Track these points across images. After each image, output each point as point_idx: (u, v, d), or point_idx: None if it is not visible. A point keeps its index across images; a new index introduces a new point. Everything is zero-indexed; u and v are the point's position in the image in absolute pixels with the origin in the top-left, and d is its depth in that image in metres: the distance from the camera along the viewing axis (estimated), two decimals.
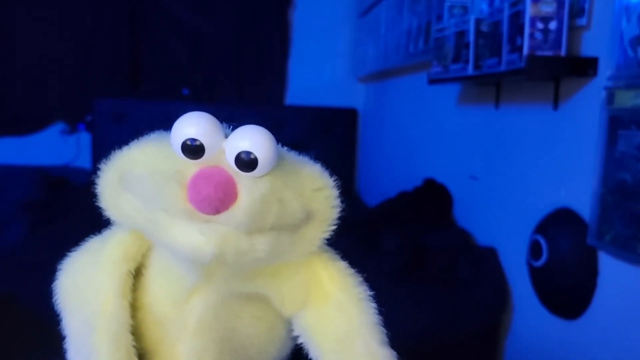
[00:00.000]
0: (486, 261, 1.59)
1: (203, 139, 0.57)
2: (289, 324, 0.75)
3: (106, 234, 0.72)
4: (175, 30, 3.18)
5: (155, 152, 0.62)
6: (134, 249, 0.70)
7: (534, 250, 1.35)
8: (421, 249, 1.71)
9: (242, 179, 0.57)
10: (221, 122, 0.61)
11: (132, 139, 0.68)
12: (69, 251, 0.73)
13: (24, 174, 2.83)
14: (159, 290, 0.71)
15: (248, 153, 0.57)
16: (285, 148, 0.67)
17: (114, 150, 0.67)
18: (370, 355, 0.67)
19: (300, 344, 0.72)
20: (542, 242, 1.32)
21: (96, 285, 0.68)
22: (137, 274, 0.71)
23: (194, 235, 0.57)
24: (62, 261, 0.72)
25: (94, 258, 0.70)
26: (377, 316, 0.69)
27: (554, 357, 1.34)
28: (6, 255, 1.84)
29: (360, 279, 0.71)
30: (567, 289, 1.27)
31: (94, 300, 0.68)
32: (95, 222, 0.71)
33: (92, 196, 0.67)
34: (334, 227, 0.67)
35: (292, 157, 0.66)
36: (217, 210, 0.56)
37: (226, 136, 0.59)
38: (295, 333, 0.72)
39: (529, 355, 1.45)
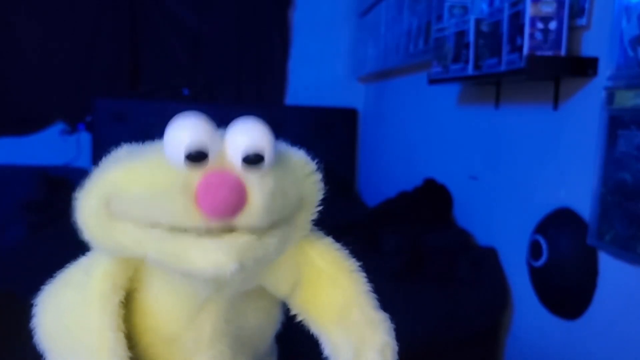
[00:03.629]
0: (486, 261, 1.59)
1: (206, 144, 0.54)
2: (280, 304, 0.77)
3: (86, 263, 0.68)
4: (175, 30, 3.18)
5: (145, 167, 0.58)
6: (122, 278, 0.66)
7: (534, 250, 1.35)
8: (421, 249, 1.71)
9: (250, 177, 0.56)
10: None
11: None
12: (44, 284, 0.68)
13: (24, 174, 2.83)
14: (165, 310, 0.68)
15: (255, 151, 0.55)
16: None
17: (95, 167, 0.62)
18: (367, 321, 0.70)
19: (297, 322, 0.74)
20: (542, 242, 1.32)
21: (88, 323, 0.64)
22: (129, 297, 0.68)
23: (213, 255, 0.55)
24: (37, 297, 0.68)
25: (80, 294, 0.66)
26: (368, 284, 0.72)
27: (554, 357, 1.34)
28: (6, 255, 1.84)
29: (347, 251, 0.73)
30: (567, 289, 1.27)
31: (88, 338, 0.64)
32: None
33: None
34: (319, 209, 0.68)
35: (278, 144, 0.64)
36: (233, 214, 0.55)
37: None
38: (293, 312, 0.74)
39: (529, 355, 1.45)
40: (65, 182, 2.70)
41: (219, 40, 3.20)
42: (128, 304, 0.68)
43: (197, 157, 0.54)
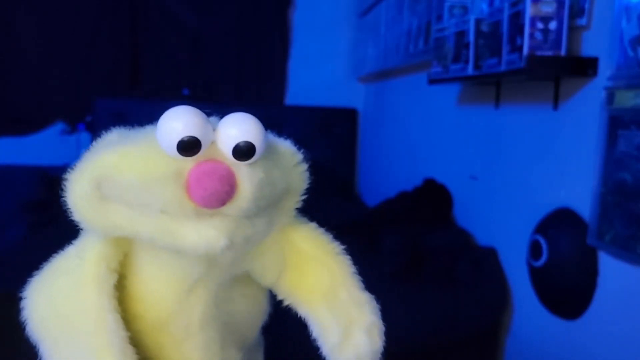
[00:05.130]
0: (486, 261, 1.59)
1: (198, 134, 0.56)
2: (267, 294, 0.79)
3: (76, 249, 0.68)
4: (175, 30, 3.18)
5: (139, 154, 0.59)
6: (115, 261, 0.66)
7: (534, 250, 1.35)
8: (421, 249, 1.71)
9: (240, 167, 0.58)
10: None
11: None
12: (30, 277, 0.67)
13: (24, 174, 2.83)
14: (154, 295, 0.68)
15: (246, 143, 0.57)
16: None
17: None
18: (354, 301, 0.71)
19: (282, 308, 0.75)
20: (542, 242, 1.32)
21: (85, 307, 0.64)
22: (118, 284, 0.67)
23: (206, 231, 0.57)
24: (25, 289, 0.67)
25: (74, 278, 0.65)
26: (353, 266, 0.73)
27: (554, 357, 1.34)
28: (6, 255, 1.84)
29: (331, 236, 0.74)
30: (567, 289, 1.27)
31: (84, 321, 0.64)
32: None
33: None
34: (304, 197, 0.70)
35: (267, 135, 0.65)
36: (223, 203, 0.57)
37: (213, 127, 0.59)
38: (280, 298, 0.74)
39: (529, 355, 1.45)
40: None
41: (219, 40, 3.20)
42: (117, 290, 0.67)
43: (189, 146, 0.55)
